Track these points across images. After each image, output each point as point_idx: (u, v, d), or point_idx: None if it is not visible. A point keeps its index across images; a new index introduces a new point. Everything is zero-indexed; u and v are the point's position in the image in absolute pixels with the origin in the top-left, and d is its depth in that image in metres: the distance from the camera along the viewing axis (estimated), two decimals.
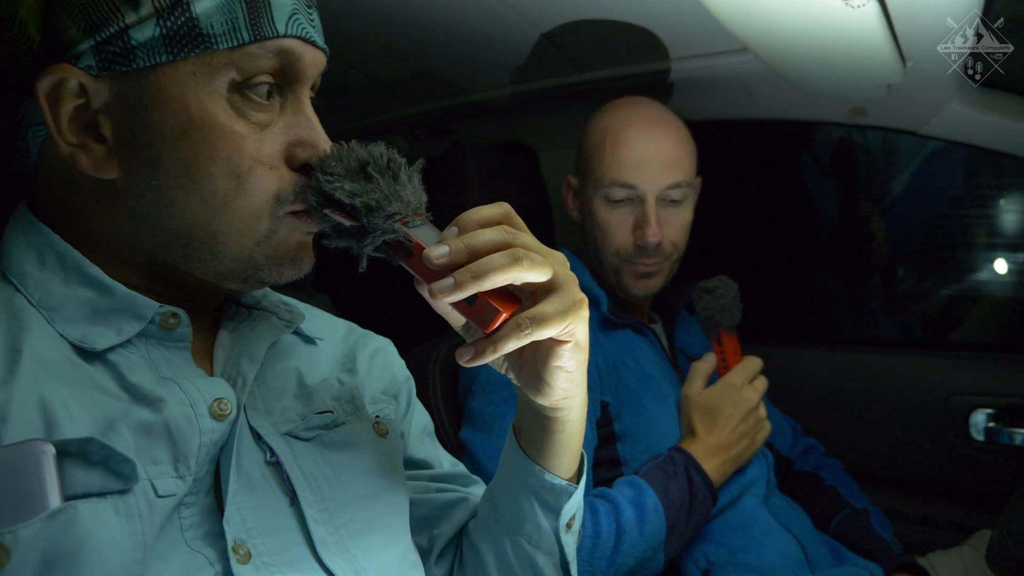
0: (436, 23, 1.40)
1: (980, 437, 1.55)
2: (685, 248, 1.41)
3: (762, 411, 1.31)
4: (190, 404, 0.64)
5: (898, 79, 1.34)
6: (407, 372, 0.94)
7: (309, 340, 0.82)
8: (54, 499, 0.54)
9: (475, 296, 0.61)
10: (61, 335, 0.63)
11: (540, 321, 0.62)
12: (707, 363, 1.35)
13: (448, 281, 0.59)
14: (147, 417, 0.61)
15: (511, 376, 0.72)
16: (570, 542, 0.82)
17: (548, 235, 1.71)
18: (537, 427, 0.76)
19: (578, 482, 0.81)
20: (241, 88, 0.63)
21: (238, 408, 0.67)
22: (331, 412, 0.76)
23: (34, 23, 0.62)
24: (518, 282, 0.62)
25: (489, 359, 0.63)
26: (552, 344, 0.66)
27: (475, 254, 0.61)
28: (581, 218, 1.44)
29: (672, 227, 1.36)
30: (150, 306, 0.66)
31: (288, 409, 0.74)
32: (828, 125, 1.91)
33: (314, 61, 0.68)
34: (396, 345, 0.95)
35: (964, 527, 1.53)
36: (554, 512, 0.79)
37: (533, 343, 0.65)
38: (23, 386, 0.58)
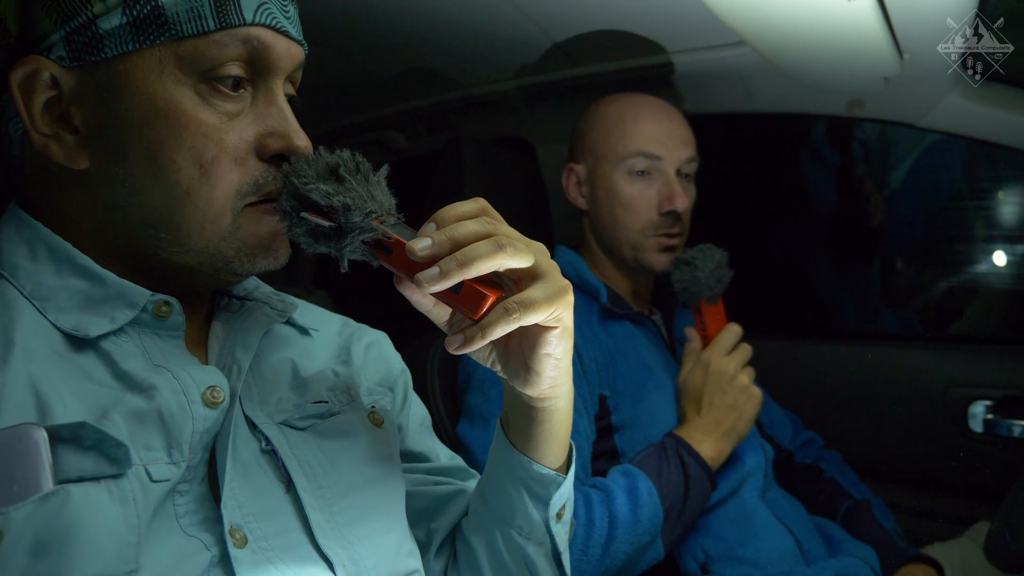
0: (434, 17, 1.40)
1: (979, 429, 1.55)
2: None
3: (743, 379, 1.30)
4: (183, 391, 0.64)
5: (895, 72, 1.34)
6: (403, 365, 0.94)
7: (304, 331, 0.83)
8: (47, 482, 0.54)
9: (460, 285, 0.62)
10: (54, 325, 0.64)
11: (528, 305, 0.62)
12: (693, 343, 1.36)
13: (434, 270, 0.60)
14: (140, 404, 0.62)
15: (497, 368, 0.72)
16: (561, 532, 0.82)
17: (546, 228, 1.71)
18: (524, 418, 0.76)
19: (567, 472, 0.81)
20: (208, 77, 0.64)
21: (232, 396, 0.68)
22: (326, 402, 0.76)
23: (11, 16, 0.63)
24: (502, 269, 0.63)
25: (478, 345, 0.63)
26: (539, 331, 0.67)
27: (457, 245, 0.62)
28: (591, 204, 1.42)
29: (688, 200, 1.39)
30: (142, 294, 0.66)
31: (283, 399, 0.74)
32: (826, 118, 1.91)
33: (287, 53, 0.68)
34: (395, 341, 0.95)
35: (962, 519, 1.53)
36: (543, 502, 0.79)
37: (520, 331, 0.65)
38: (15, 374, 0.58)
